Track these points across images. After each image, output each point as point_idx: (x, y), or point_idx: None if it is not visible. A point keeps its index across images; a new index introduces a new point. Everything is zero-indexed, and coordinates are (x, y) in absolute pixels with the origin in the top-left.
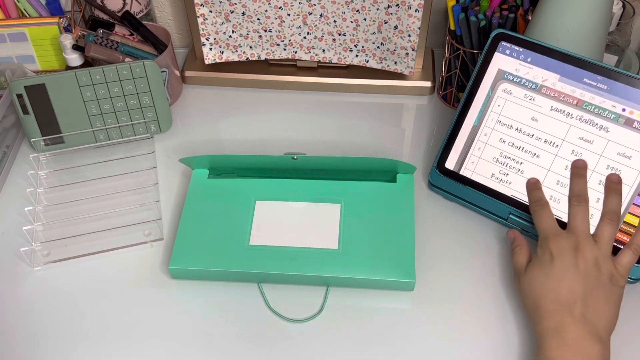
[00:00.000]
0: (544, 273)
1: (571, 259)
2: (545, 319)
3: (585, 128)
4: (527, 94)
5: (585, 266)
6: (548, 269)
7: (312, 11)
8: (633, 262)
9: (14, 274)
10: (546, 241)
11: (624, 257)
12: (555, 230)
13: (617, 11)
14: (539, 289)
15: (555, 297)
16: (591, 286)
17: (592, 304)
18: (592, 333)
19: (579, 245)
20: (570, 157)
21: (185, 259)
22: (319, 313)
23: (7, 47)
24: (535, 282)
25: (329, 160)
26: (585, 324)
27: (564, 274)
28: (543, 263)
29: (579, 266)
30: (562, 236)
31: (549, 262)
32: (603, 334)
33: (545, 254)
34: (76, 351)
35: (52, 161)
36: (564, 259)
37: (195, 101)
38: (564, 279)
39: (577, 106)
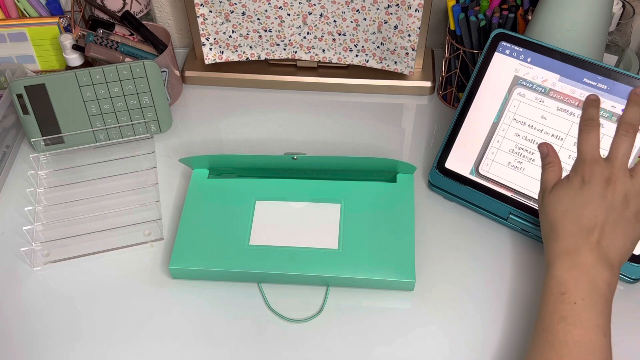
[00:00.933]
0: (570, 196)
1: (601, 188)
2: (561, 240)
3: None
4: (537, 97)
5: (613, 198)
6: (575, 194)
7: (312, 11)
8: None
9: (14, 274)
10: (582, 165)
11: None
12: (594, 157)
13: (617, 11)
14: (561, 210)
15: (575, 221)
16: (613, 218)
17: (610, 234)
18: (603, 260)
19: (612, 177)
20: (573, 148)
21: (185, 259)
22: (319, 313)
23: (7, 47)
24: (559, 203)
25: (329, 160)
26: (599, 251)
27: (590, 201)
28: (572, 186)
29: (606, 196)
30: (599, 164)
31: (578, 187)
32: (614, 263)
33: (576, 177)
34: (76, 351)
35: (52, 161)
36: (593, 187)
37: (195, 101)
38: (588, 205)
39: (579, 107)
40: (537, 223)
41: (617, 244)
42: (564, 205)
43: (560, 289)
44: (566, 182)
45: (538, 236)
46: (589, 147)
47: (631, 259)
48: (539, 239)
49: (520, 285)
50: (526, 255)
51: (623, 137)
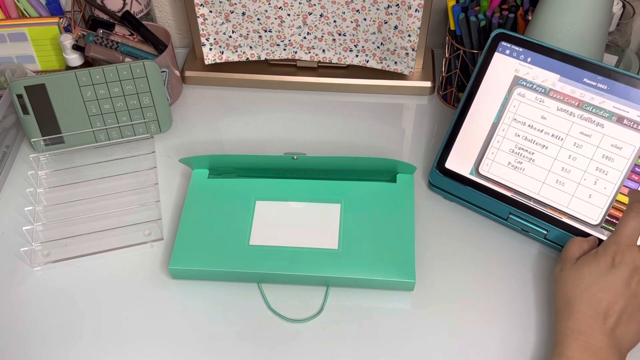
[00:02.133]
0: (594, 276)
1: (628, 275)
2: (575, 319)
3: (584, 125)
4: (537, 97)
5: (637, 288)
6: (601, 275)
7: (312, 11)
8: None
9: (14, 274)
10: (616, 246)
11: None
12: (631, 242)
13: (617, 11)
14: (581, 288)
15: (593, 303)
16: (632, 308)
17: (626, 324)
18: (615, 347)
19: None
20: (573, 148)
21: (185, 259)
22: (319, 313)
23: (7, 47)
24: (581, 279)
25: (329, 160)
26: (612, 338)
27: (613, 287)
28: (599, 266)
29: (630, 285)
30: (633, 251)
31: (605, 268)
32: (623, 351)
33: (606, 257)
34: (76, 351)
35: (52, 161)
36: (619, 273)
37: (195, 101)
38: (610, 290)
39: (578, 107)
40: (537, 223)
41: (630, 334)
42: (585, 283)
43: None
44: (593, 259)
45: (538, 236)
46: (630, 231)
47: None
48: (539, 238)
49: (520, 285)
50: (526, 255)
51: None
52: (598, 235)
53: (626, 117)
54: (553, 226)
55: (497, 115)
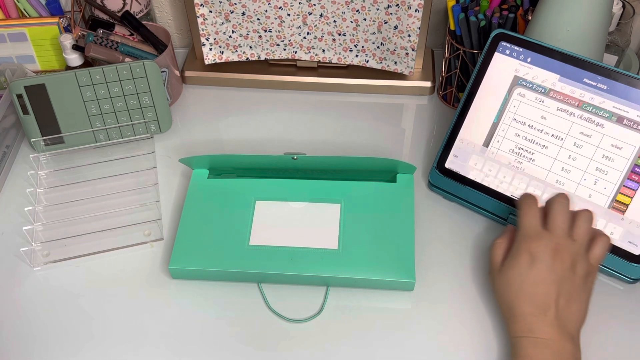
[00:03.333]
0: (521, 276)
1: (550, 261)
2: (520, 321)
3: (584, 125)
4: (537, 97)
5: (562, 269)
6: (526, 273)
7: (312, 11)
8: (605, 254)
9: (14, 274)
10: (526, 240)
11: (596, 250)
12: (537, 230)
13: (617, 11)
14: (514, 291)
15: (530, 300)
16: (566, 288)
17: (565, 306)
18: (564, 333)
19: (558, 247)
20: (573, 148)
21: (185, 259)
22: (319, 313)
23: (7, 47)
24: (511, 284)
25: (329, 160)
26: (558, 326)
27: (542, 279)
28: (520, 265)
29: (555, 269)
30: (543, 237)
31: (527, 265)
32: (574, 332)
33: (523, 254)
34: (76, 351)
35: (52, 161)
36: (542, 263)
37: (195, 101)
38: (541, 283)
39: (578, 107)
40: None
41: (573, 313)
42: (516, 286)
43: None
44: (514, 261)
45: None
46: (532, 220)
47: (631, 259)
48: None
49: None
50: None
51: (558, 205)
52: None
53: (626, 117)
54: None
55: (497, 115)
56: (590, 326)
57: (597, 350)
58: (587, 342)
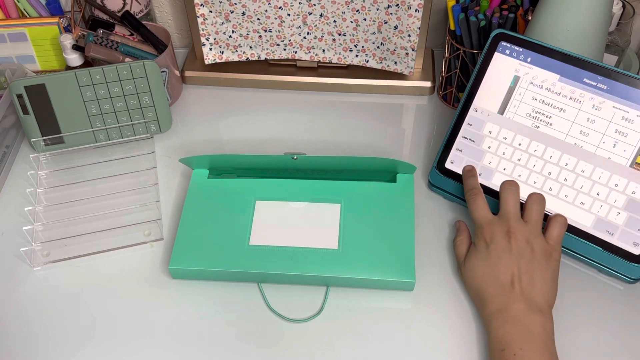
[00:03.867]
0: (481, 261)
1: (504, 242)
2: (489, 304)
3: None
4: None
5: (518, 247)
6: (484, 256)
7: (312, 11)
8: (562, 233)
9: (14, 274)
10: (481, 229)
11: (552, 230)
12: (488, 219)
13: (617, 11)
14: (479, 276)
15: (494, 281)
16: (526, 264)
17: (528, 280)
18: (531, 307)
19: (510, 229)
20: (585, 123)
21: (185, 259)
22: (319, 313)
23: (7, 47)
24: (475, 270)
25: (329, 160)
26: (524, 300)
27: (500, 258)
28: (479, 251)
29: (512, 248)
30: (495, 223)
31: (484, 249)
32: (543, 306)
33: (481, 242)
34: (76, 351)
35: (52, 161)
36: (497, 245)
37: (195, 101)
38: (500, 263)
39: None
40: None
41: (538, 286)
42: (480, 271)
43: (499, 346)
44: (474, 250)
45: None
46: (481, 212)
47: (631, 259)
48: None
49: None
50: None
51: (509, 191)
52: None
53: (626, 117)
54: None
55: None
56: (590, 326)
57: (597, 349)
58: (587, 342)
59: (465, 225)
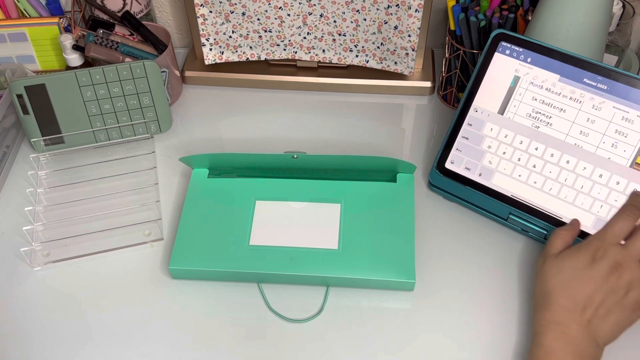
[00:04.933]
0: (575, 269)
1: (607, 270)
2: (553, 311)
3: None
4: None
5: (616, 283)
6: (581, 268)
7: (312, 11)
8: None
9: (14, 274)
10: (599, 243)
11: None
12: (614, 240)
13: (617, 11)
14: (561, 280)
15: (571, 295)
16: (611, 302)
17: (602, 317)
18: (591, 338)
19: (623, 263)
20: (585, 123)
21: (185, 259)
22: (319, 313)
23: (7, 47)
24: (561, 272)
25: (329, 158)
26: (588, 329)
27: (592, 280)
28: (580, 260)
29: (609, 280)
30: (615, 249)
31: (586, 262)
32: (600, 343)
33: (587, 252)
34: (76, 351)
35: (52, 161)
36: (601, 268)
37: (195, 101)
38: (589, 283)
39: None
40: (537, 223)
41: (607, 327)
42: (565, 276)
43: (546, 357)
44: (575, 253)
45: (538, 236)
46: (616, 231)
47: None
48: (539, 238)
49: (520, 285)
50: (526, 255)
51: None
52: None
53: (626, 117)
54: (553, 226)
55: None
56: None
57: None
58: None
59: (578, 226)
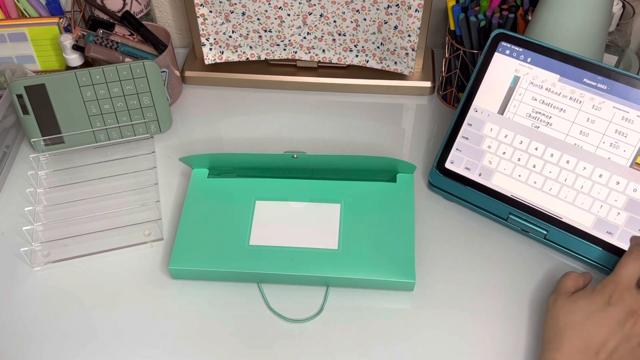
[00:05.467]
0: (589, 311)
1: (623, 316)
2: (564, 352)
3: (584, 124)
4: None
5: (632, 331)
6: (595, 311)
7: (312, 11)
8: None
9: (14, 274)
10: (614, 286)
11: None
12: (629, 284)
13: (617, 11)
14: (574, 321)
15: (584, 337)
16: (624, 349)
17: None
18: None
19: (639, 311)
20: (585, 123)
21: (185, 259)
22: (319, 313)
23: (7, 47)
24: (574, 312)
25: (329, 158)
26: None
27: (607, 324)
28: (594, 302)
29: (624, 326)
30: (631, 293)
31: (600, 305)
32: None
33: (603, 295)
34: (76, 351)
35: (52, 161)
36: (616, 312)
37: (195, 101)
38: (604, 327)
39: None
40: (537, 223)
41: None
42: (579, 317)
43: None
44: (590, 295)
45: (538, 236)
46: (629, 273)
47: None
48: (539, 238)
49: (520, 285)
50: (526, 255)
51: None
52: None
53: (626, 117)
54: (553, 226)
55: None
56: None
57: None
58: None
59: (590, 278)
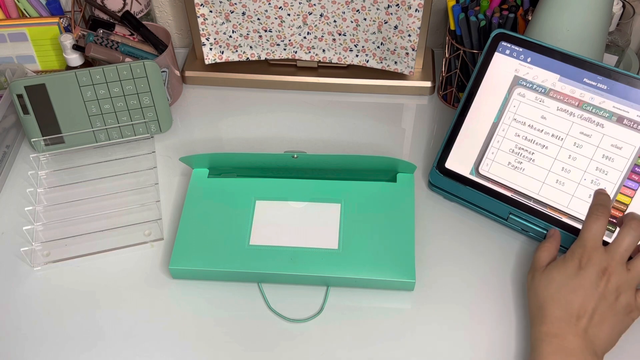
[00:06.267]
0: (563, 279)
1: (595, 277)
2: (548, 323)
3: (585, 124)
4: (537, 97)
5: (606, 289)
6: (569, 277)
7: (312, 11)
8: None
9: (14, 274)
10: (581, 249)
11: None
12: (595, 244)
13: (617, 11)
14: (552, 292)
15: (564, 305)
16: (604, 308)
17: (598, 324)
18: (589, 348)
19: (609, 268)
20: (573, 147)
21: (185, 259)
22: (319, 313)
23: (7, 47)
24: (551, 284)
25: (329, 158)
26: (585, 339)
27: (582, 288)
28: (566, 269)
29: (599, 286)
30: (599, 252)
31: (573, 271)
32: (599, 351)
33: (573, 260)
34: (76, 351)
35: (52, 161)
36: (588, 274)
37: (195, 101)
38: (579, 291)
39: (578, 107)
40: (537, 223)
41: (604, 334)
42: (555, 287)
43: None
44: (561, 263)
45: (538, 236)
46: (593, 234)
47: None
48: (539, 238)
49: (520, 285)
50: (526, 255)
51: (630, 231)
52: None
53: (626, 117)
54: (553, 226)
55: (497, 115)
56: None
57: None
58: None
59: (559, 236)
